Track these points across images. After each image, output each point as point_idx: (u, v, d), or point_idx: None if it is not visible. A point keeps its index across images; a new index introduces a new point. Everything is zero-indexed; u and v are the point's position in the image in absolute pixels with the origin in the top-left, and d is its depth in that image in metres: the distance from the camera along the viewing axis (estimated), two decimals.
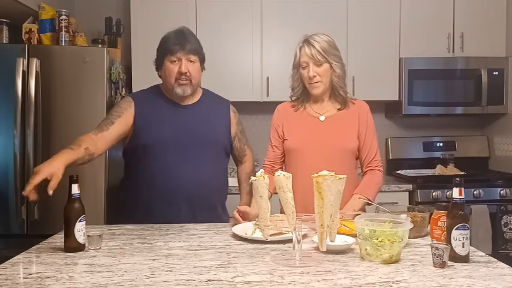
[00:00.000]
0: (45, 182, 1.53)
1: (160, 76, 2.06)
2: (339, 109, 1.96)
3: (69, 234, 1.48)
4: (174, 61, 1.96)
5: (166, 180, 1.94)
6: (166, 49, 1.97)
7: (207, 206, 2.02)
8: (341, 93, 1.94)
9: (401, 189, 3.10)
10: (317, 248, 1.47)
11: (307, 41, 1.89)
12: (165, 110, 2.02)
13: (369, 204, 1.89)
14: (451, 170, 3.39)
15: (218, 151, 2.08)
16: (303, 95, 1.99)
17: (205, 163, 2.01)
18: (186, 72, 1.95)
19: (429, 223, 1.55)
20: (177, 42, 1.95)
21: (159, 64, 2.03)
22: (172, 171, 1.95)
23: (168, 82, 1.99)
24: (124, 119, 1.96)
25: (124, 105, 2.01)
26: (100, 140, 1.88)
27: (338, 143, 1.91)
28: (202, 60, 2.04)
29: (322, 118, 1.96)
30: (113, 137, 1.94)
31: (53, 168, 1.57)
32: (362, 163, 1.98)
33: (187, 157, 1.97)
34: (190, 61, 1.97)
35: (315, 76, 1.88)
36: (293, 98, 2.03)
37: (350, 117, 1.95)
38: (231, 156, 2.19)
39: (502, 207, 3.01)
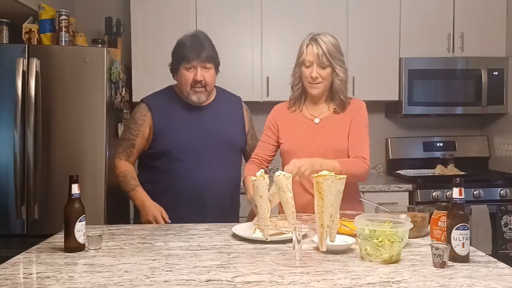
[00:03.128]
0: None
1: (175, 79, 2.09)
2: (334, 110, 1.94)
3: (69, 234, 1.48)
4: (190, 68, 1.98)
5: (196, 186, 1.98)
6: (182, 56, 1.99)
7: (232, 206, 2.09)
8: (341, 97, 1.92)
9: (401, 189, 3.10)
10: (317, 248, 1.47)
11: (314, 40, 1.86)
12: (182, 113, 2.04)
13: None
14: (451, 170, 3.39)
15: (236, 150, 2.14)
16: (301, 94, 1.98)
17: (227, 164, 2.06)
18: (202, 80, 1.98)
19: (429, 223, 1.55)
20: (193, 50, 1.97)
21: (175, 69, 2.05)
22: (201, 176, 1.98)
23: (184, 89, 2.02)
24: (141, 136, 2.05)
25: (140, 121, 2.05)
26: (133, 162, 2.12)
27: (332, 145, 1.90)
28: (217, 66, 2.07)
29: (316, 121, 1.95)
30: (138, 154, 2.11)
31: (155, 207, 1.95)
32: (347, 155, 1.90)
33: (211, 159, 2.01)
34: (206, 68, 2.00)
35: (317, 77, 1.87)
36: (290, 99, 2.01)
37: (345, 118, 1.93)
38: None
39: (502, 207, 3.01)
